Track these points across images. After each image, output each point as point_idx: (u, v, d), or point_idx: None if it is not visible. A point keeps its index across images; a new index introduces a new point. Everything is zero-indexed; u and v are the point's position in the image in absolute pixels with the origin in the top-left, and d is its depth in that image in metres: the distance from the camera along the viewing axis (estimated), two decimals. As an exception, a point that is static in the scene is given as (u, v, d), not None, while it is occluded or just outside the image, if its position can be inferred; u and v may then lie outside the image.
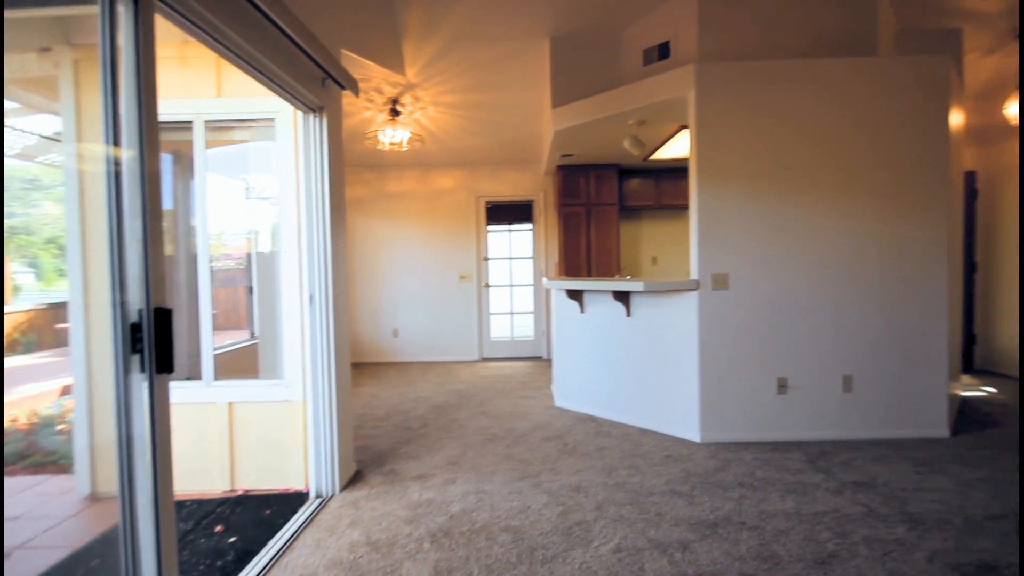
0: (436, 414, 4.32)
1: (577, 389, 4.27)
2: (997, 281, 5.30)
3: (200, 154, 2.91)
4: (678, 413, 3.57)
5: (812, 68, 3.40)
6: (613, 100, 3.88)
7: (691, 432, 3.51)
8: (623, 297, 3.76)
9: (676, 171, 5.93)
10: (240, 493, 2.96)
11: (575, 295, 4.10)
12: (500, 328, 6.79)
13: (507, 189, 6.62)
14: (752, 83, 3.40)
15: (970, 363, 5.50)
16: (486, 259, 6.67)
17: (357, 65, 3.65)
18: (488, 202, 6.67)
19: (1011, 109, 4.39)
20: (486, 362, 6.58)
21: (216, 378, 2.99)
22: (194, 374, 3.09)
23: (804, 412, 3.47)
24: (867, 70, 3.40)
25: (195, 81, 2.83)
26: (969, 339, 5.47)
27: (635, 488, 2.81)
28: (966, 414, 3.96)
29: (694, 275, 3.46)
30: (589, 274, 5.85)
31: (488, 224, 6.70)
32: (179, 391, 2.95)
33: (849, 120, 3.41)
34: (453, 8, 3.76)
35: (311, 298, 2.78)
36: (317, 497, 2.75)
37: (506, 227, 6.75)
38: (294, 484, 2.96)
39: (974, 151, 5.37)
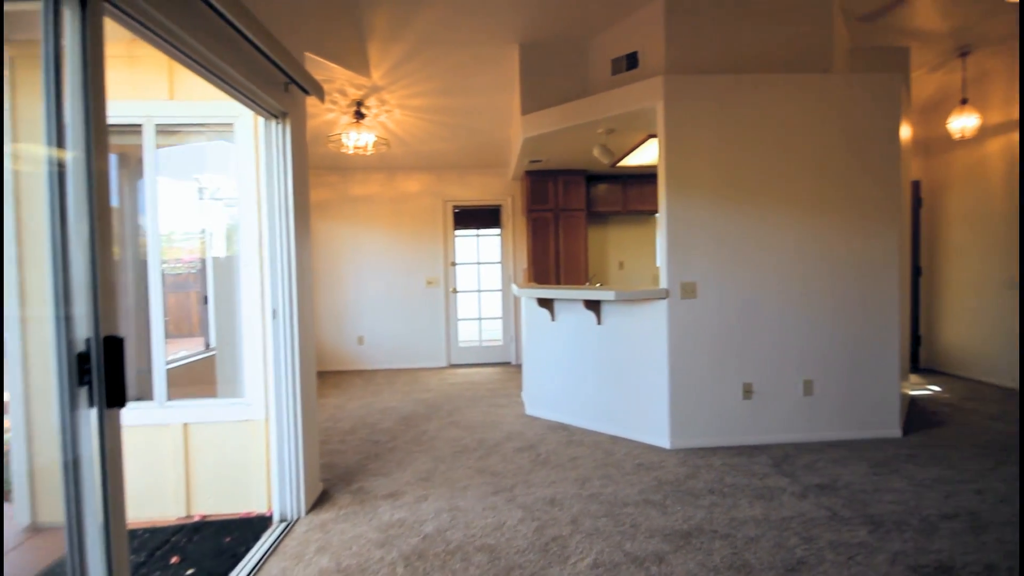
0: (405, 426, 4.22)
1: (548, 397, 4.26)
2: (940, 285, 5.62)
3: (150, 160, 2.74)
4: (648, 420, 3.61)
5: (774, 83, 3.50)
6: (583, 109, 3.89)
7: (661, 439, 3.55)
8: (594, 305, 3.77)
9: (642, 177, 6.01)
10: (197, 519, 2.79)
11: (546, 303, 4.08)
12: (468, 334, 6.73)
13: (475, 193, 6.56)
14: (718, 96, 3.47)
15: (916, 363, 5.81)
16: (454, 264, 6.59)
17: (320, 67, 3.52)
18: (456, 206, 6.59)
19: (954, 123, 4.65)
20: (454, 369, 6.50)
21: (169, 397, 2.82)
22: (144, 393, 2.91)
23: (769, 416, 3.57)
24: (825, 86, 3.53)
25: (145, 82, 2.66)
26: (915, 340, 5.78)
27: (609, 499, 2.81)
28: (915, 413, 4.16)
29: (663, 284, 3.50)
30: (558, 280, 5.86)
31: (456, 229, 6.62)
32: (128, 413, 2.76)
33: (809, 133, 3.52)
34: (420, 11, 3.68)
35: (274, 313, 2.65)
36: (282, 521, 2.62)
37: (474, 232, 6.69)
38: (256, 508, 2.82)
39: (918, 162, 5.66)
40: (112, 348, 1.39)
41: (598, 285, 5.20)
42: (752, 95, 3.48)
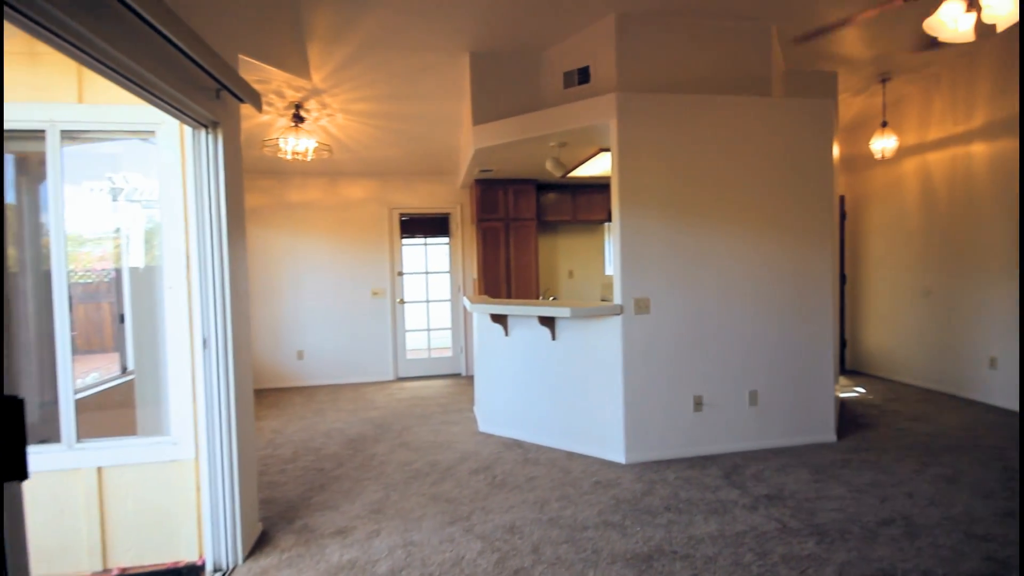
0: (352, 449, 4.00)
1: (502, 413, 4.18)
2: (862, 292, 6.04)
3: (55, 168, 2.41)
4: (604, 435, 3.61)
5: (721, 104, 3.60)
6: (536, 122, 3.84)
7: (616, 454, 3.55)
8: (548, 321, 3.73)
9: (591, 187, 6.07)
10: (116, 573, 2.49)
11: (499, 319, 4.00)
12: (416, 345, 6.53)
13: (423, 201, 6.37)
14: (669, 114, 3.53)
15: (842, 365, 6.21)
16: (401, 274, 6.37)
17: (254, 67, 3.26)
18: (403, 214, 6.37)
19: (875, 144, 5.00)
20: (402, 382, 6.28)
21: (80, 437, 2.49)
22: (49, 433, 2.55)
23: (717, 427, 3.66)
24: (766, 109, 3.67)
25: (49, 82, 2.33)
26: (841, 343, 6.18)
27: (569, 523, 2.76)
28: (845, 417, 4.42)
29: (617, 300, 3.51)
30: (509, 291, 5.80)
31: (403, 237, 6.40)
32: (30, 458, 2.41)
33: (752, 153, 3.65)
34: (365, 13, 3.50)
35: (205, 342, 2.41)
36: (216, 571, 2.38)
37: (422, 240, 6.50)
38: (185, 556, 2.54)
39: (843, 178, 6.07)
40: (9, 412, 1.17)
41: (552, 299, 5.19)
42: (700, 115, 3.57)
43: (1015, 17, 1.90)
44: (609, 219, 6.30)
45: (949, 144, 4.84)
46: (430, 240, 6.52)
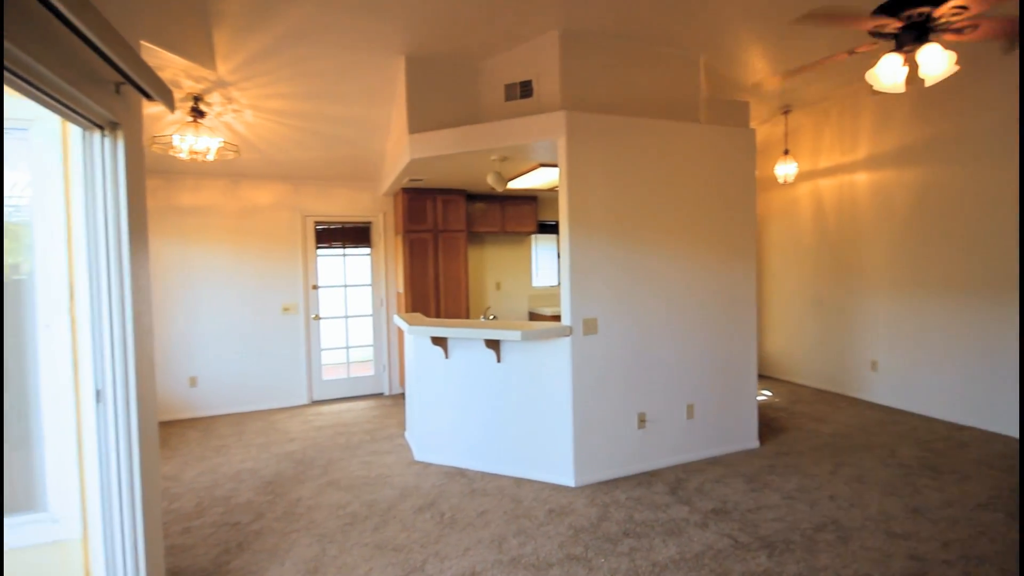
0: (270, 495, 3.52)
1: (441, 440, 3.93)
2: (762, 301, 6.60)
3: None
4: (552, 458, 3.52)
5: (660, 128, 3.69)
6: (480, 135, 3.66)
7: (566, 477, 3.48)
8: (493, 343, 3.57)
9: (520, 198, 6.01)
10: None
11: (439, 340, 3.76)
12: (334, 363, 6.01)
13: (341, 208, 5.88)
14: (614, 135, 3.54)
15: (746, 368, 6.74)
16: (316, 287, 5.83)
17: (145, 51, 2.74)
18: (318, 223, 5.83)
19: (779, 170, 5.48)
20: (318, 406, 5.74)
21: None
22: None
23: (659, 442, 3.74)
24: (700, 134, 3.84)
25: None
26: (745, 349, 6.70)
27: (532, 561, 2.62)
28: (761, 420, 4.75)
29: (566, 321, 3.45)
30: (438, 305, 5.53)
31: (318, 247, 5.86)
32: None
33: (688, 176, 3.79)
34: (289, 2, 3.10)
35: (98, 395, 1.93)
36: None
37: (340, 251, 6.00)
38: (72, 662, 2.03)
39: (745, 196, 6.58)
40: None
41: (492, 317, 5.02)
42: (642, 137, 3.63)
43: (947, 74, 2.10)
44: (537, 231, 6.28)
45: (837, 172, 5.43)
46: (349, 250, 6.04)
